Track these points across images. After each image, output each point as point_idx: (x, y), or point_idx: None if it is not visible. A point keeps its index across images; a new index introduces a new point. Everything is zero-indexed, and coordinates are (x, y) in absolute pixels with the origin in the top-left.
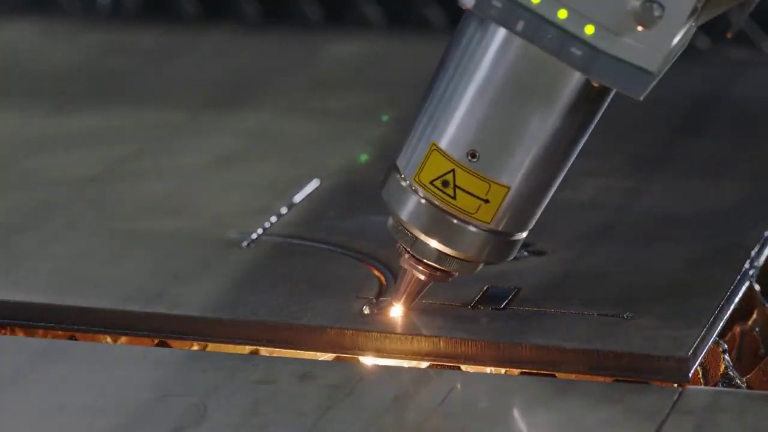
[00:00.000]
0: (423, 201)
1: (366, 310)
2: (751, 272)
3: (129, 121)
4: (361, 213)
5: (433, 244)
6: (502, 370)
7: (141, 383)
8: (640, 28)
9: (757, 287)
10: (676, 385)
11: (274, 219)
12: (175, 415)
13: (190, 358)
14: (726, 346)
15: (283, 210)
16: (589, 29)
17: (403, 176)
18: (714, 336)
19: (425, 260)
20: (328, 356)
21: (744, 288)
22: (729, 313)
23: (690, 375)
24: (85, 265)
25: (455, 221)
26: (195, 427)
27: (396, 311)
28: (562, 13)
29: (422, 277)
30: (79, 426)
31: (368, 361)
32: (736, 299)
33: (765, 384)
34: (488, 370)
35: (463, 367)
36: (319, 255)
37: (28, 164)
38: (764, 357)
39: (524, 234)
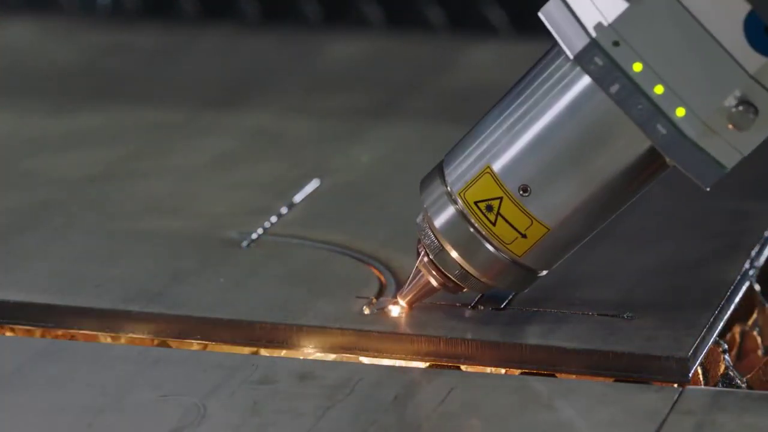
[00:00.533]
0: (462, 217)
1: (366, 310)
2: (751, 272)
3: (129, 121)
4: (361, 213)
5: (458, 259)
6: (503, 371)
7: (141, 383)
8: (730, 127)
9: (757, 287)
10: (676, 385)
11: (274, 219)
12: (175, 415)
13: (189, 358)
14: (726, 346)
15: (283, 210)
16: (680, 112)
17: (448, 186)
18: (714, 336)
19: (444, 271)
20: (328, 356)
21: (744, 288)
22: (729, 313)
23: (690, 375)
24: (84, 265)
25: (487, 245)
26: (195, 427)
27: (397, 310)
28: (659, 89)
29: (435, 284)
30: (79, 426)
31: (368, 361)
32: (736, 299)
33: (765, 384)
34: (488, 370)
35: (463, 367)
36: (319, 255)
37: (28, 164)
38: (764, 357)
39: (546, 272)
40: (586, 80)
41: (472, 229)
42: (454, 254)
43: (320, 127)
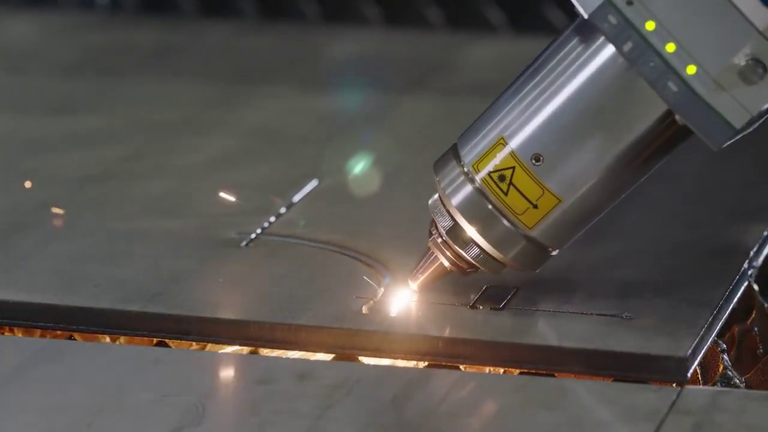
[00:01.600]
0: (474, 189)
1: (365, 310)
2: (749, 272)
3: (128, 121)
4: (360, 213)
5: (470, 232)
6: (501, 370)
7: (140, 383)
8: (740, 83)
9: (755, 287)
10: (675, 384)
11: (272, 219)
12: (174, 415)
13: (189, 357)
14: (725, 346)
15: (282, 210)
16: (691, 69)
17: (461, 160)
18: (713, 336)
19: (455, 247)
20: (326, 356)
21: (743, 288)
22: (728, 313)
23: (689, 375)
24: (84, 265)
25: (499, 216)
26: (194, 427)
27: (404, 295)
28: (671, 47)
29: (446, 264)
30: (79, 426)
31: (367, 360)
32: (735, 299)
33: (764, 384)
34: (487, 369)
35: (462, 367)
36: (318, 255)
37: (27, 164)
38: (763, 356)
39: (556, 252)
40: (596, 49)
41: (483, 201)
42: (467, 229)
43: (319, 127)
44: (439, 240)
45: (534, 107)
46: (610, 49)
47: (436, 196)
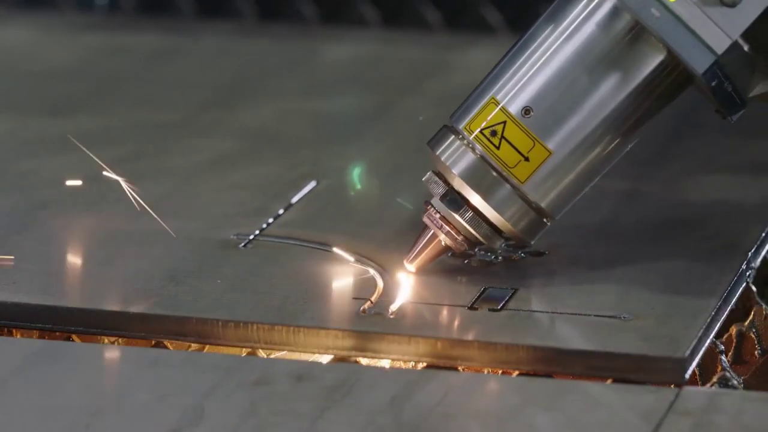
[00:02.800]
0: (467, 147)
1: (363, 311)
2: (748, 273)
3: (126, 122)
4: (358, 214)
5: (463, 192)
6: (500, 371)
7: (138, 384)
8: (719, 6)
9: (753, 288)
10: (673, 385)
11: (271, 220)
12: (173, 416)
13: (187, 359)
14: (723, 347)
15: (280, 211)
16: None
17: (453, 126)
18: (711, 337)
19: (450, 212)
20: (325, 357)
21: (741, 289)
22: (726, 313)
23: (687, 376)
24: (82, 267)
25: (492, 172)
26: (192, 428)
27: (402, 278)
28: None
29: (441, 236)
30: (77, 427)
31: (365, 362)
32: (733, 300)
33: (762, 385)
34: (485, 371)
35: (461, 368)
36: (316, 256)
37: (26, 165)
38: (761, 358)
39: (549, 222)
40: (581, 5)
41: (476, 157)
42: (460, 189)
43: (317, 128)
44: (434, 212)
45: (522, 64)
46: (589, 6)
47: (430, 173)
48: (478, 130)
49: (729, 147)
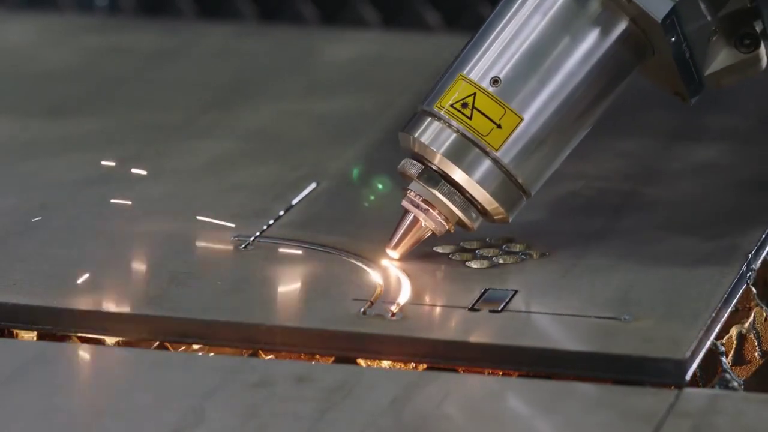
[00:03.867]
0: (443, 124)
1: (363, 313)
2: (748, 275)
3: (127, 123)
4: (358, 215)
5: (438, 164)
6: (500, 373)
7: (139, 386)
8: None
9: (753, 290)
10: (673, 387)
11: (271, 222)
12: (174, 417)
13: (188, 360)
14: (723, 349)
15: (281, 212)
16: None
17: (425, 109)
18: (711, 338)
19: (428, 188)
20: (325, 359)
21: (741, 290)
22: (726, 315)
23: (687, 377)
24: (83, 268)
25: (470, 145)
26: (193, 429)
27: (386, 264)
28: None
29: (421, 219)
30: (77, 429)
31: (366, 363)
32: (734, 302)
33: (762, 386)
34: (486, 372)
35: (461, 370)
36: (317, 257)
37: (26, 167)
38: (761, 359)
39: (525, 198)
40: None
41: (450, 130)
42: (435, 162)
43: (317, 129)
44: (413, 195)
45: (487, 41)
46: None
47: (404, 160)
48: (449, 104)
49: (729, 148)
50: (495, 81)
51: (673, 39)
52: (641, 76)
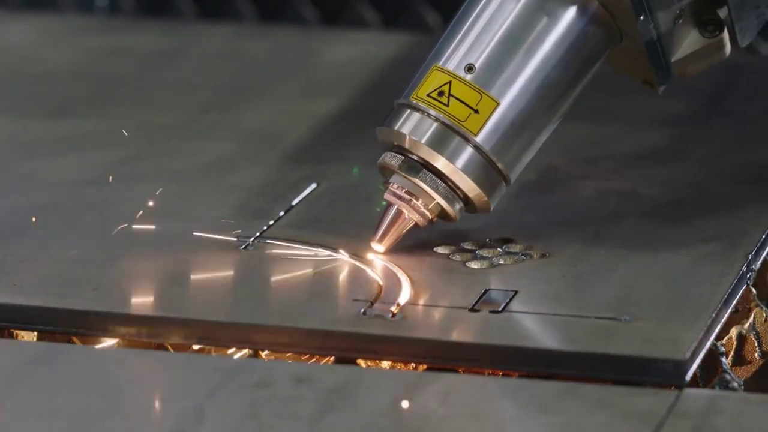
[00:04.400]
0: (418, 112)
1: (364, 313)
2: (748, 275)
3: (127, 124)
4: (358, 216)
5: (429, 157)
6: (500, 373)
7: (139, 386)
8: None
9: (753, 290)
10: (673, 387)
11: (271, 222)
12: (174, 418)
13: (188, 361)
14: (723, 349)
15: (281, 213)
16: None
17: (403, 102)
18: (711, 339)
19: (409, 178)
20: (325, 359)
21: (741, 291)
22: (726, 316)
23: (687, 378)
24: (83, 268)
25: (447, 129)
26: (193, 430)
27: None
28: None
29: (404, 210)
30: (77, 429)
31: (366, 364)
32: (734, 302)
33: (762, 387)
34: (486, 373)
35: (461, 370)
36: (317, 258)
37: (26, 167)
38: (761, 360)
39: (505, 185)
40: None
41: (428, 118)
42: (414, 150)
43: (318, 130)
44: (395, 187)
45: (458, 32)
46: None
47: (383, 155)
48: (426, 94)
49: (729, 149)
50: (469, 68)
51: (641, 18)
52: (612, 68)
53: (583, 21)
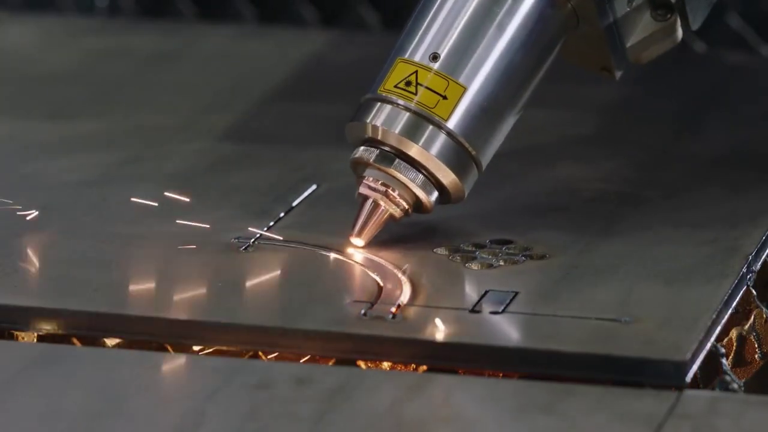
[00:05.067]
0: (388, 104)
1: (364, 314)
2: (748, 276)
3: (127, 125)
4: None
5: (402, 146)
6: (500, 374)
7: (139, 387)
8: None
9: (753, 292)
10: (673, 389)
11: (272, 223)
12: (174, 419)
13: (188, 362)
14: (723, 351)
15: (281, 214)
16: None
17: (370, 96)
18: (711, 340)
19: (383, 168)
20: (326, 360)
21: (741, 292)
22: (726, 317)
23: (687, 379)
24: (83, 269)
25: (419, 118)
26: (193, 431)
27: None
28: None
29: (381, 202)
30: (78, 431)
31: (366, 365)
32: (734, 303)
33: (762, 388)
34: (486, 374)
35: (461, 371)
36: (317, 259)
37: (27, 168)
38: (761, 361)
39: (477, 172)
40: None
41: (398, 108)
42: (386, 140)
43: (317, 131)
44: (370, 180)
45: (419, 24)
46: None
47: (355, 151)
48: (393, 85)
49: (729, 150)
50: (434, 57)
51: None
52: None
53: (541, 4)
